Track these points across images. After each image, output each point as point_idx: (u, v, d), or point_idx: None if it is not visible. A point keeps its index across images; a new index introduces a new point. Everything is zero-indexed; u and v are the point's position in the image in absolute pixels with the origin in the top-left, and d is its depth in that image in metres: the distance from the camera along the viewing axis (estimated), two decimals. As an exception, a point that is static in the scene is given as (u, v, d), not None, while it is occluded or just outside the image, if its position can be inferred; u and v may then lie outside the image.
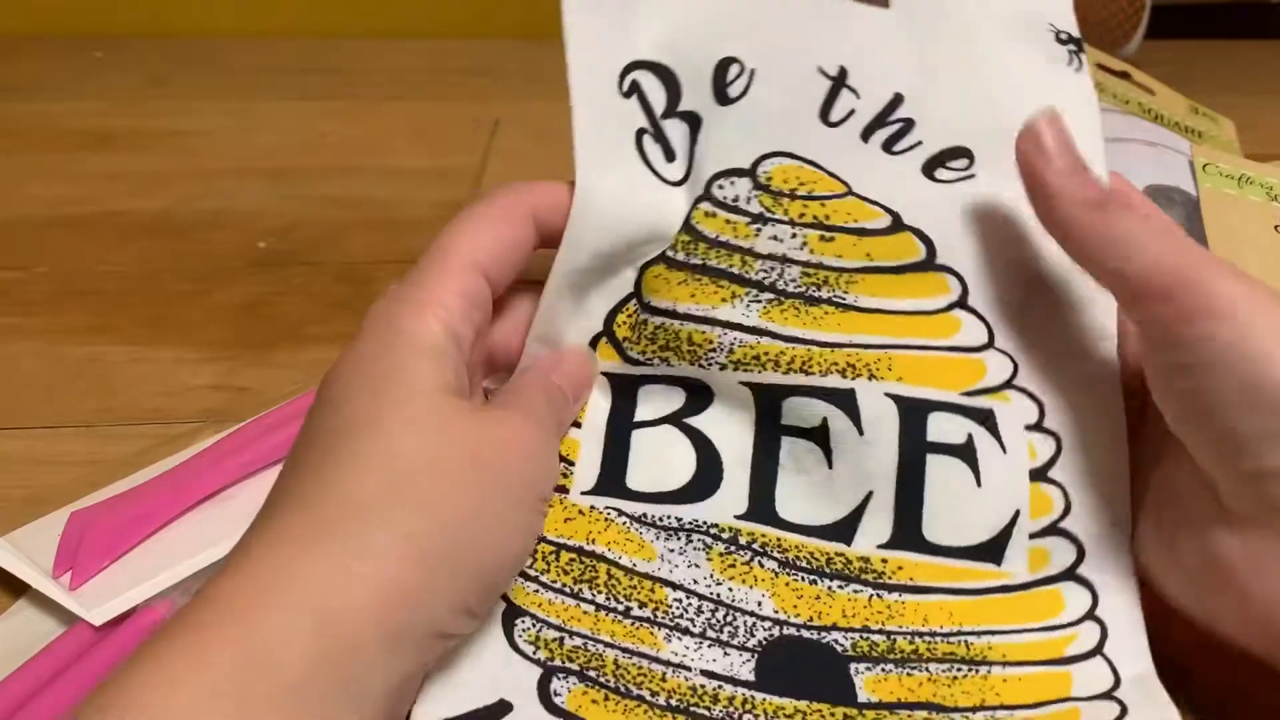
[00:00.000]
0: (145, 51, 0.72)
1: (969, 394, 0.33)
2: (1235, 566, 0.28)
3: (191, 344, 0.45)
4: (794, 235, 0.33)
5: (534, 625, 0.31)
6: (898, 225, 0.34)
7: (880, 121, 0.35)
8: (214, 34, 0.75)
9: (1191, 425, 0.28)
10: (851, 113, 0.35)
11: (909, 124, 0.35)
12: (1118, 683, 0.31)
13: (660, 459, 0.33)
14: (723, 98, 0.35)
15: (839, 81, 0.35)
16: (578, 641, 0.31)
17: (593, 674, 0.30)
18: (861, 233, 0.34)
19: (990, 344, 0.34)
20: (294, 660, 0.23)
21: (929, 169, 0.34)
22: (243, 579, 0.24)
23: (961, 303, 0.34)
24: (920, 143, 0.35)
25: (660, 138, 0.34)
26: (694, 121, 0.35)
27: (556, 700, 0.29)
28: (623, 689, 0.30)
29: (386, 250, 0.53)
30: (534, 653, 0.30)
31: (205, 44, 0.73)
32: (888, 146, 0.35)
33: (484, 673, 0.29)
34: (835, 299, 0.33)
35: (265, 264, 0.51)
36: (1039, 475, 0.33)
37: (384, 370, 0.28)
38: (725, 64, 0.35)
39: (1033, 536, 0.32)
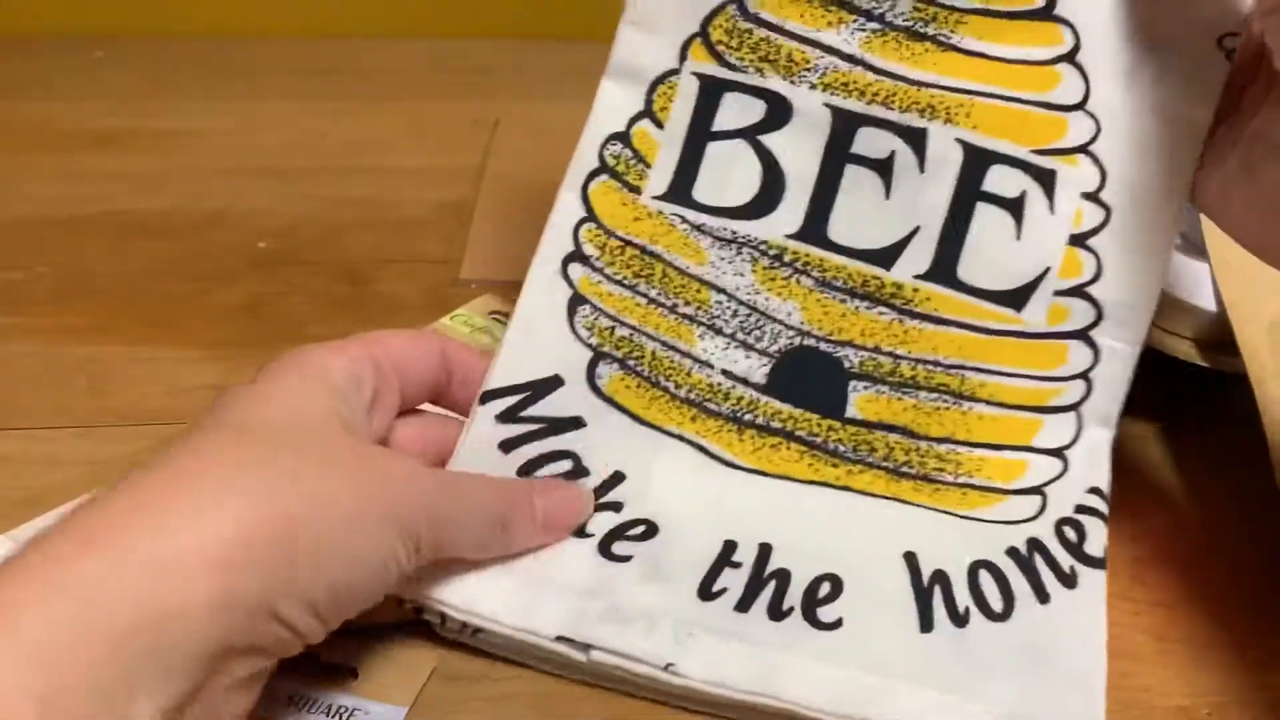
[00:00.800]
0: (145, 51, 0.72)
1: (1039, 152, 0.35)
2: None
3: (191, 344, 0.45)
4: None
5: (593, 313, 0.36)
6: None
7: None
8: (214, 34, 0.75)
9: None
10: None
11: None
12: (1075, 439, 0.35)
13: (728, 174, 0.36)
14: None
15: None
16: (625, 332, 0.36)
17: (632, 363, 0.36)
18: None
19: (1082, 104, 0.35)
20: (114, 612, 0.23)
21: None
22: (78, 526, 0.24)
23: (1070, 56, 0.35)
24: None
25: None
26: None
27: (599, 382, 0.35)
28: (653, 378, 0.35)
29: (386, 250, 0.53)
30: (588, 337, 0.36)
31: (205, 44, 0.73)
32: None
33: (546, 351, 0.35)
34: (940, 37, 0.35)
35: (265, 264, 0.51)
36: (1079, 240, 0.35)
37: (285, 386, 0.29)
38: None
39: (1058, 294, 0.35)
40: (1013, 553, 0.33)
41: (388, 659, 0.32)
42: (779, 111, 0.36)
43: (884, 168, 0.35)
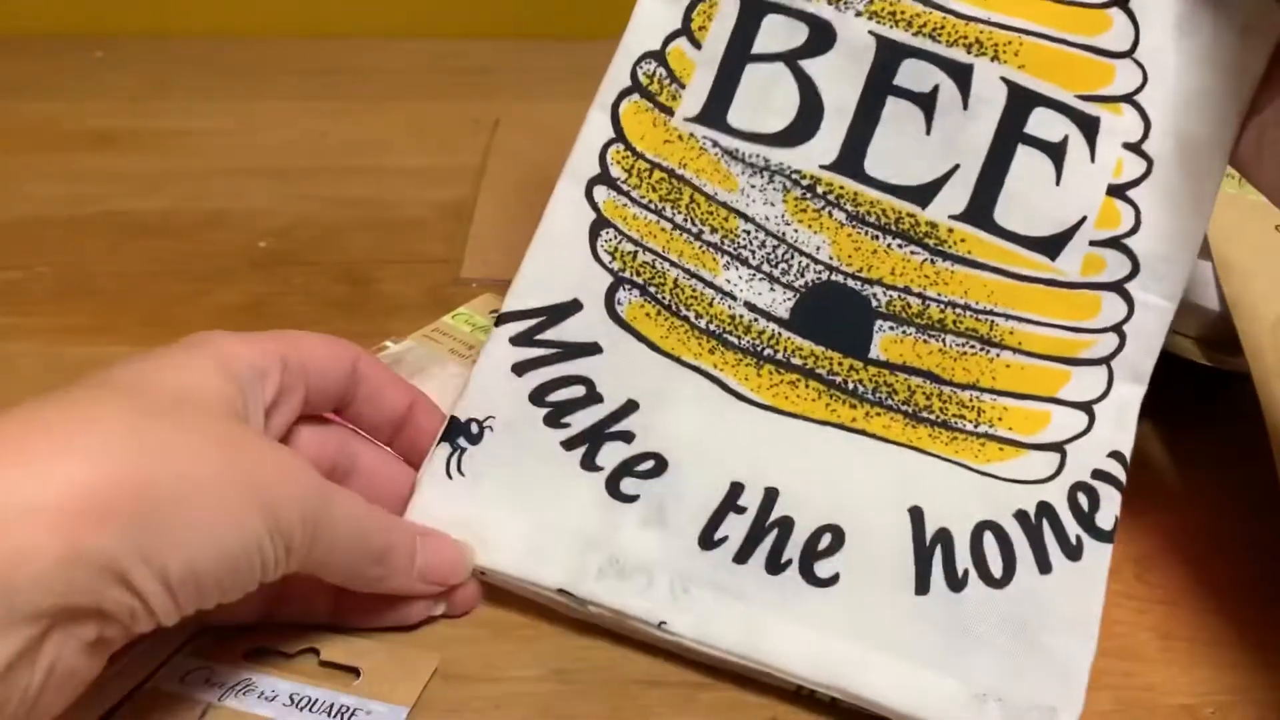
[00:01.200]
0: (145, 51, 0.72)
1: (1084, 97, 0.35)
2: None
3: (192, 344, 0.45)
4: None
5: (615, 237, 0.35)
6: None
7: None
8: (214, 34, 0.75)
9: None
10: None
11: None
12: (1106, 393, 0.34)
13: (765, 99, 0.36)
14: None
15: None
16: (648, 258, 0.35)
17: (653, 290, 0.35)
18: None
19: (1131, 51, 0.35)
20: None
21: None
22: None
23: (1122, 2, 0.35)
24: None
25: None
26: None
27: (618, 309, 0.35)
28: (674, 307, 0.35)
29: (386, 250, 0.53)
30: (610, 262, 0.35)
31: (205, 44, 0.73)
32: None
33: (566, 274, 0.35)
34: None
35: (265, 264, 0.51)
36: (1117, 191, 0.35)
37: (183, 362, 0.29)
38: None
39: (1093, 244, 0.34)
40: (1021, 516, 0.33)
41: (390, 659, 0.31)
42: (822, 37, 0.35)
43: (927, 102, 0.35)
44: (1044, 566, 0.32)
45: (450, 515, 0.33)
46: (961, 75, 0.35)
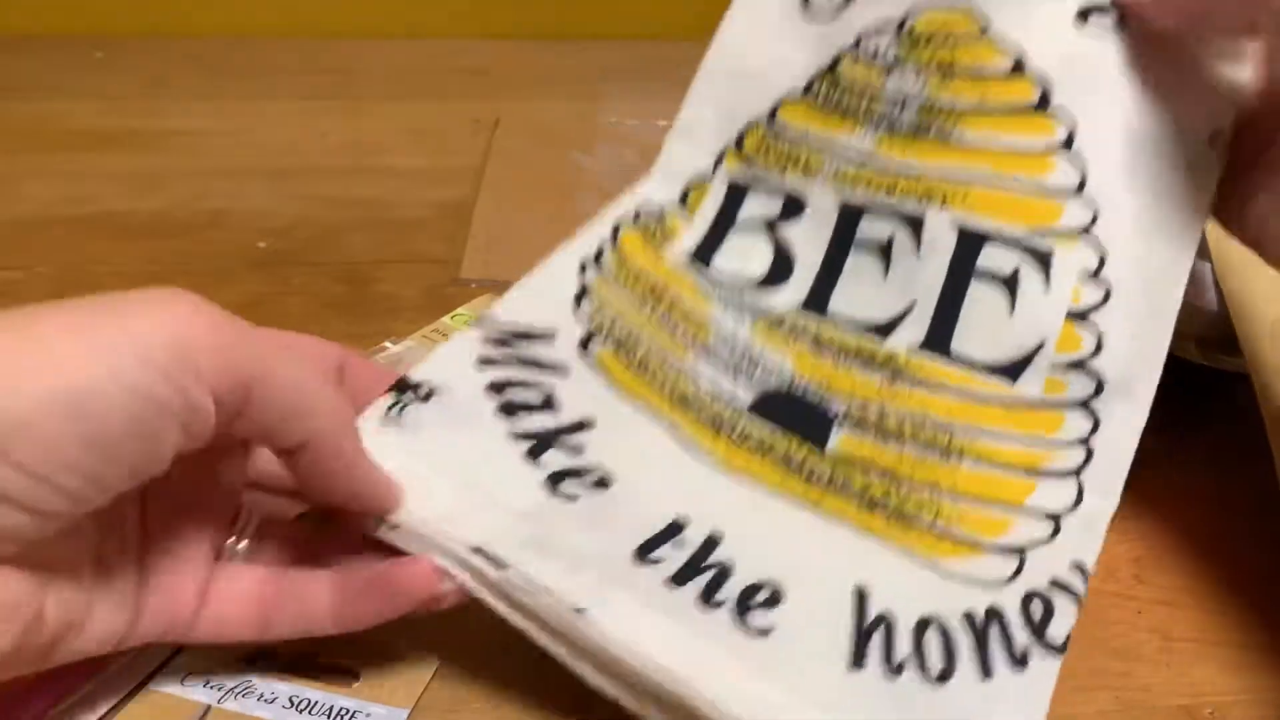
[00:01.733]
0: (145, 52, 0.72)
1: (1035, 231, 0.36)
2: None
3: (192, 344, 0.45)
4: (918, 76, 0.37)
5: (597, 304, 0.37)
6: (1019, 69, 0.36)
7: None
8: (214, 34, 0.75)
9: None
10: None
11: None
12: (1076, 504, 0.33)
13: (745, 255, 0.39)
14: None
15: None
16: (625, 329, 0.37)
17: (626, 349, 0.36)
18: (981, 75, 0.37)
19: (1078, 190, 0.36)
20: None
21: (1082, 17, 0.36)
22: None
23: (1066, 145, 0.36)
24: None
25: None
26: None
27: (591, 350, 0.36)
28: (643, 366, 0.36)
29: (386, 250, 0.53)
30: (588, 322, 0.37)
31: (205, 44, 0.73)
32: None
33: (548, 314, 0.36)
34: (942, 134, 0.37)
35: (265, 264, 0.51)
36: (1077, 316, 0.35)
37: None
38: None
39: (1055, 368, 0.35)
40: (968, 617, 0.31)
41: (389, 661, 0.31)
42: (794, 206, 0.39)
43: (884, 250, 0.37)
44: (986, 671, 0.30)
45: (382, 464, 0.31)
46: (914, 223, 0.36)
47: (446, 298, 0.49)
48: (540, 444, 0.33)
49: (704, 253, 0.39)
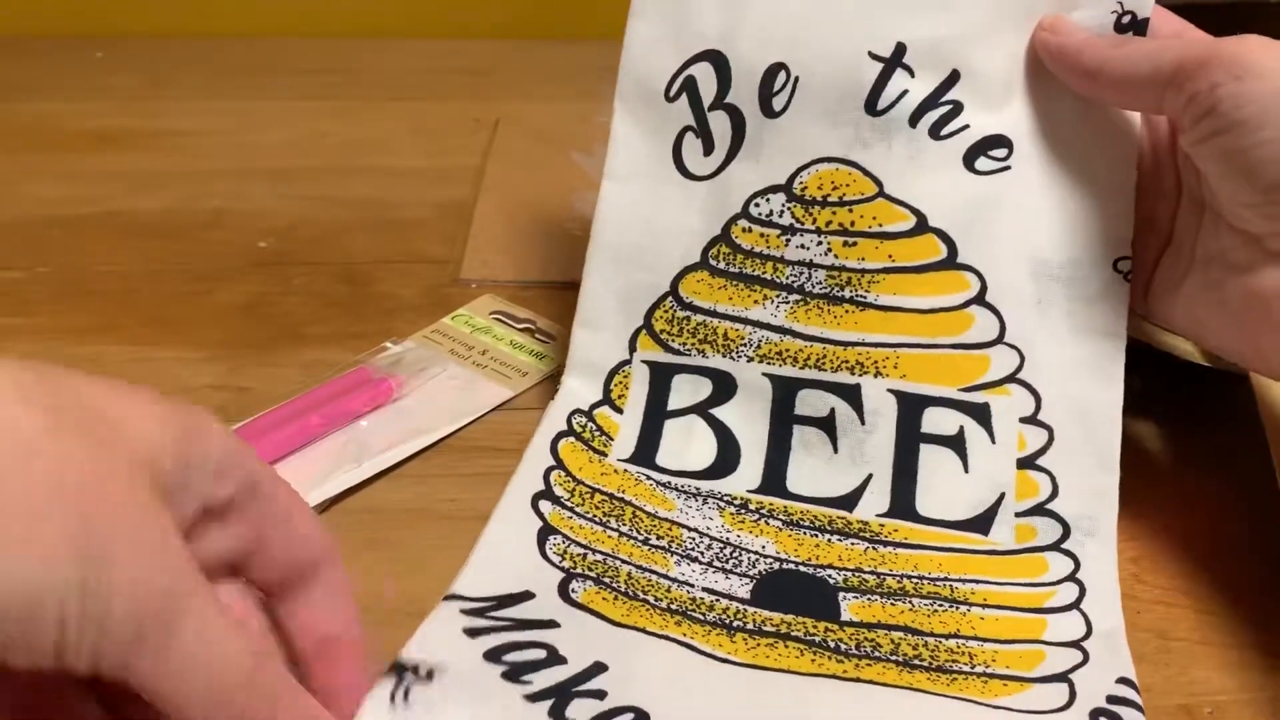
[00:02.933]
0: (145, 52, 0.72)
1: (968, 389, 0.36)
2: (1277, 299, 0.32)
3: (192, 344, 0.45)
4: (819, 242, 0.37)
5: (563, 542, 0.35)
6: (922, 227, 0.37)
7: (932, 103, 0.37)
8: (214, 34, 0.75)
9: (1236, 181, 0.32)
10: (904, 94, 0.36)
11: (958, 107, 0.37)
12: (1088, 633, 0.33)
13: (686, 444, 0.38)
14: (768, 109, 0.37)
15: (894, 61, 0.36)
16: (598, 557, 0.35)
17: (607, 581, 0.34)
18: (884, 236, 0.37)
19: (1000, 339, 0.36)
20: None
21: (970, 159, 0.37)
22: None
23: (979, 298, 0.37)
24: (967, 126, 0.37)
25: (703, 131, 0.38)
26: (738, 120, 0.38)
27: (573, 595, 0.34)
28: (631, 593, 0.34)
29: (386, 250, 0.53)
30: (560, 562, 0.34)
31: (205, 44, 0.73)
32: (935, 131, 0.37)
33: (515, 570, 0.34)
34: (856, 298, 0.37)
35: (265, 264, 0.51)
36: (1027, 463, 0.36)
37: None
38: (773, 71, 0.37)
39: (1020, 515, 0.36)
40: None
41: None
42: (724, 386, 0.38)
43: (827, 424, 0.37)
44: None
45: None
46: (852, 395, 0.37)
47: (446, 298, 0.49)
48: (560, 700, 0.30)
49: (645, 453, 0.38)
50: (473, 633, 0.32)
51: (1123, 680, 0.32)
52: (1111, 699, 0.31)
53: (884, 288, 0.37)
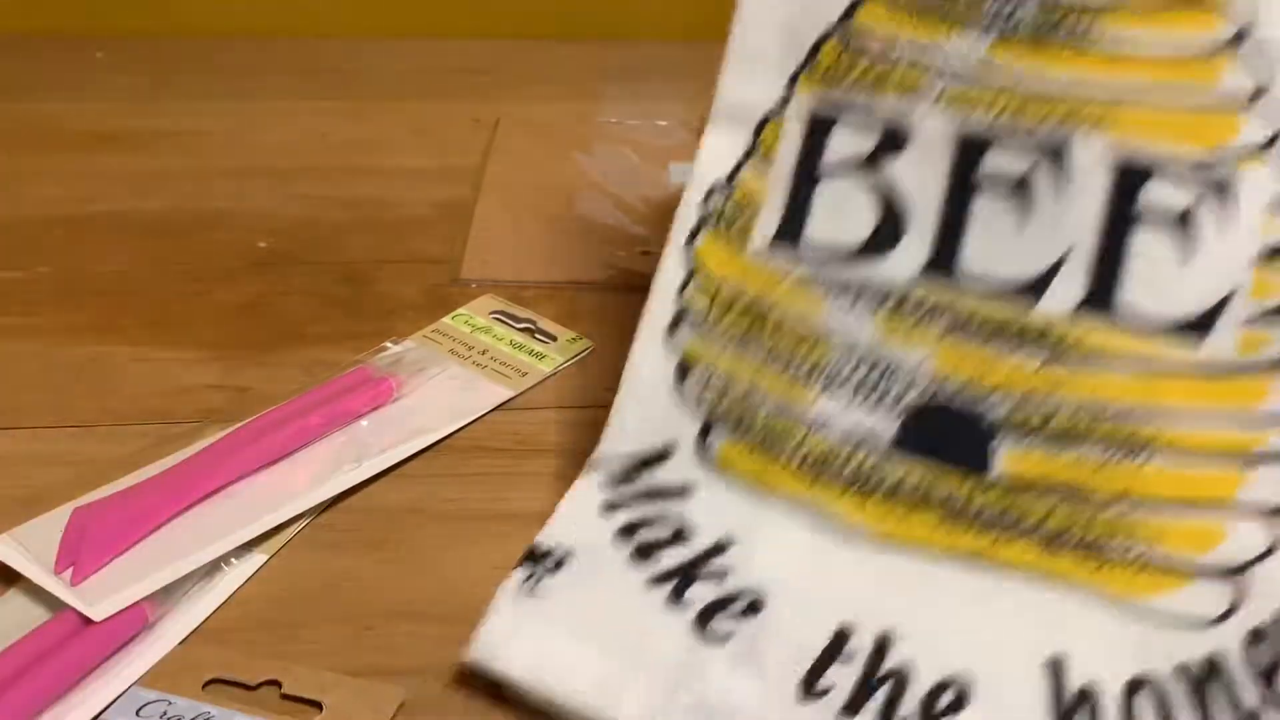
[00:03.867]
0: (145, 51, 0.72)
1: (1209, 156, 0.30)
2: None
3: (192, 344, 0.45)
4: None
5: (702, 376, 0.33)
6: None
7: None
8: (214, 34, 0.75)
9: None
10: None
11: None
12: None
13: (843, 211, 0.33)
14: None
15: None
16: (737, 394, 0.33)
17: (743, 428, 0.32)
18: None
19: (1258, 97, 0.30)
20: None
21: None
22: None
23: (1236, 41, 0.30)
24: None
25: None
26: None
27: (709, 451, 0.33)
28: (767, 444, 0.32)
29: (386, 250, 0.53)
30: (697, 405, 0.33)
31: (205, 44, 0.73)
32: None
33: (654, 420, 0.33)
34: (1074, 36, 0.31)
35: (265, 264, 0.51)
36: (1271, 255, 0.30)
37: None
38: None
39: (1250, 319, 0.29)
40: (1183, 672, 0.27)
41: (354, 693, 0.30)
42: (895, 139, 0.32)
43: (1019, 189, 0.31)
44: None
45: (520, 643, 0.29)
46: (1055, 154, 0.31)
47: (446, 298, 0.49)
48: (681, 582, 0.30)
49: (792, 226, 0.33)
50: (607, 508, 0.32)
51: None
52: None
53: (1112, 22, 0.30)
